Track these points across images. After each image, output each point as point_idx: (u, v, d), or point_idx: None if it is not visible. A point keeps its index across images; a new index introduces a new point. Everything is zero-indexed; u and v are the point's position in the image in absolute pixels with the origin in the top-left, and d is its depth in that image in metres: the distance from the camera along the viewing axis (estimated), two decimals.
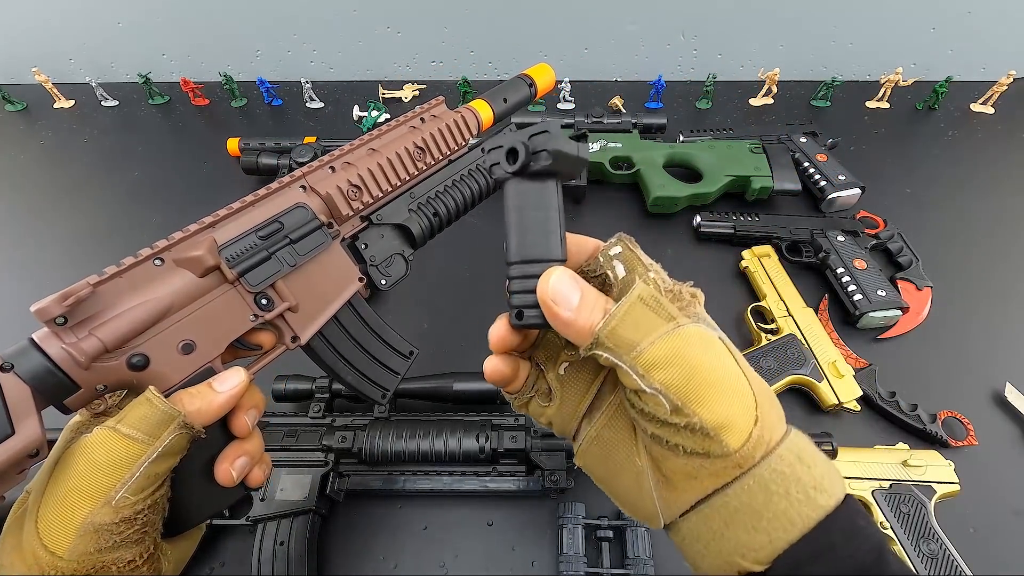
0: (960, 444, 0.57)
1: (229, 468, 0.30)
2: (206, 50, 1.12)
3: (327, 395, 0.57)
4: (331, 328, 0.38)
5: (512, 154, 0.24)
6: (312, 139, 0.87)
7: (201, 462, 0.31)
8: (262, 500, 0.50)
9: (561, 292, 0.24)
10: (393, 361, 0.43)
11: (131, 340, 0.28)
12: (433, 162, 0.44)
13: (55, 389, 0.26)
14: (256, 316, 0.33)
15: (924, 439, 0.59)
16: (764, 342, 0.64)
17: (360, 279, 0.39)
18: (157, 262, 0.30)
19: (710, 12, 1.04)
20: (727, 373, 0.23)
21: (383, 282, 0.40)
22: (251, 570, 0.48)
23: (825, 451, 0.54)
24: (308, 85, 1.06)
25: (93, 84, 1.07)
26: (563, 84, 1.04)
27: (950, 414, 0.59)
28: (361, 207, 0.39)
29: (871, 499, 0.53)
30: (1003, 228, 0.82)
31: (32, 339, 0.26)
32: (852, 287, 0.68)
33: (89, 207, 0.88)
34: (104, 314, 0.28)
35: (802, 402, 0.63)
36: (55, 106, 1.09)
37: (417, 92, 1.11)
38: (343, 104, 1.08)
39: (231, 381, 0.30)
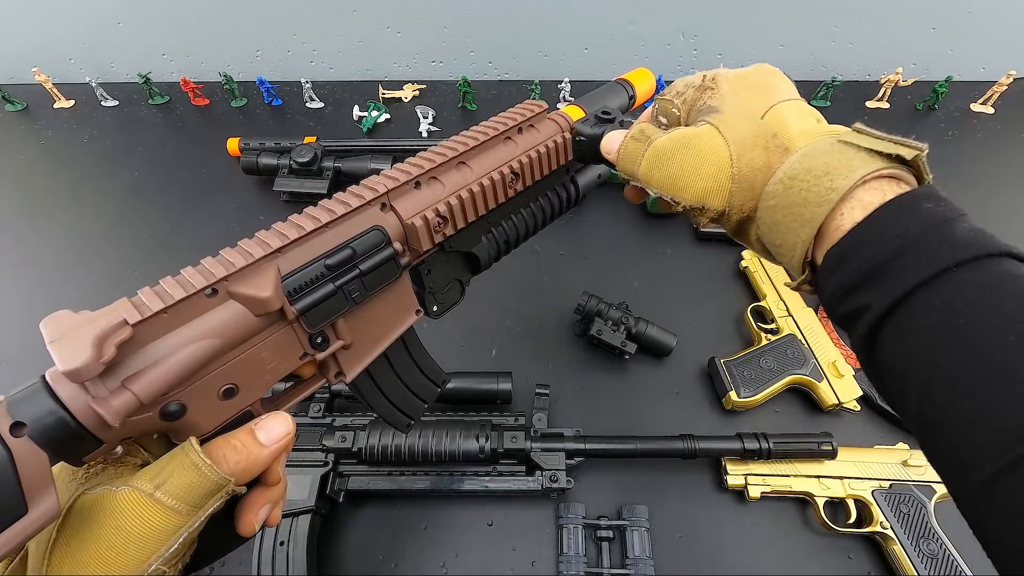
0: None
1: (253, 520, 0.26)
2: (206, 50, 1.12)
3: (327, 395, 0.57)
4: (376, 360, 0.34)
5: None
6: (312, 139, 0.87)
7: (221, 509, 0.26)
8: None
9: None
10: (424, 390, 0.39)
11: (172, 392, 0.23)
12: (523, 188, 0.38)
13: (74, 448, 0.21)
14: (306, 355, 0.28)
15: None
16: (764, 342, 0.64)
17: (417, 311, 0.35)
18: (209, 292, 0.24)
19: (710, 12, 1.04)
20: (695, 166, 0.30)
21: (435, 308, 0.36)
22: (251, 570, 0.48)
23: (824, 451, 0.54)
24: (308, 85, 1.06)
25: (93, 84, 1.07)
26: (563, 84, 1.04)
27: None
28: (442, 239, 0.33)
29: (871, 499, 0.53)
30: (1003, 228, 0.81)
31: (49, 387, 0.21)
32: None
33: (89, 207, 0.88)
34: (139, 358, 0.22)
35: (802, 402, 0.63)
36: (55, 106, 1.09)
37: (417, 92, 1.11)
38: (343, 104, 1.08)
39: (277, 432, 0.26)
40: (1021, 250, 0.22)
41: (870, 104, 1.05)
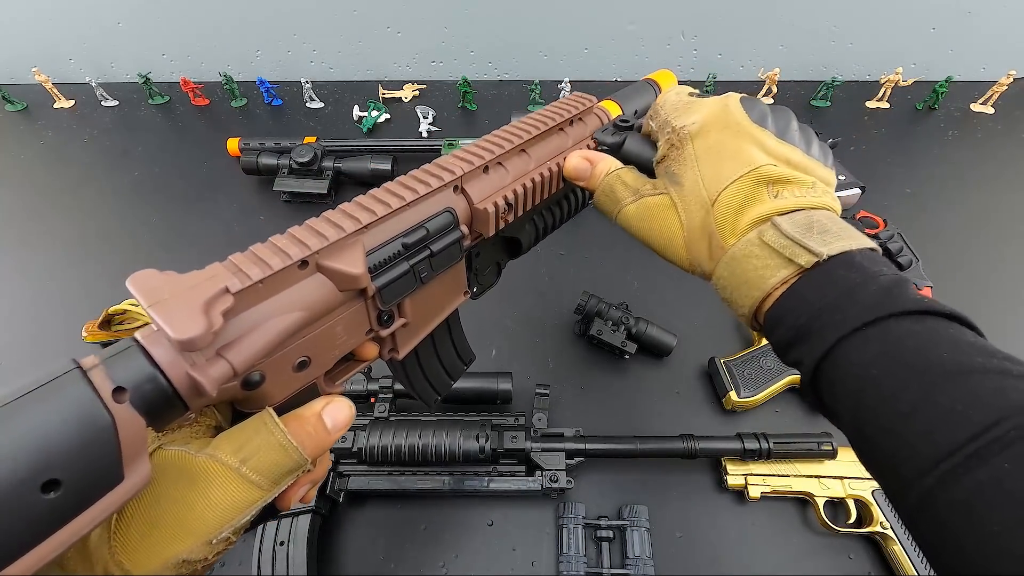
0: None
1: (294, 497, 0.27)
2: (206, 50, 1.12)
3: None
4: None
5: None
6: (312, 139, 0.87)
7: None
8: None
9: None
10: (454, 367, 0.40)
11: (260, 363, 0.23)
12: None
13: (165, 415, 0.20)
14: (371, 331, 0.28)
15: None
16: (764, 342, 0.64)
17: (465, 292, 0.35)
18: (300, 264, 0.24)
19: (710, 12, 1.04)
20: (657, 237, 0.34)
21: (475, 290, 0.37)
22: (251, 570, 0.48)
23: (824, 451, 0.54)
24: (308, 85, 1.06)
25: (93, 84, 1.07)
26: (563, 84, 1.04)
27: None
28: (503, 225, 0.34)
29: (871, 499, 0.53)
30: (1003, 228, 0.82)
31: (145, 349, 0.20)
32: None
33: (89, 207, 0.88)
34: (233, 326, 0.22)
35: (802, 402, 0.63)
36: (55, 106, 1.09)
37: (417, 92, 1.11)
38: (343, 104, 1.08)
39: (342, 420, 0.26)
40: (917, 305, 0.25)
41: (870, 104, 1.05)
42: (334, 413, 0.26)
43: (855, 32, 1.06)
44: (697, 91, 0.37)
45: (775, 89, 1.06)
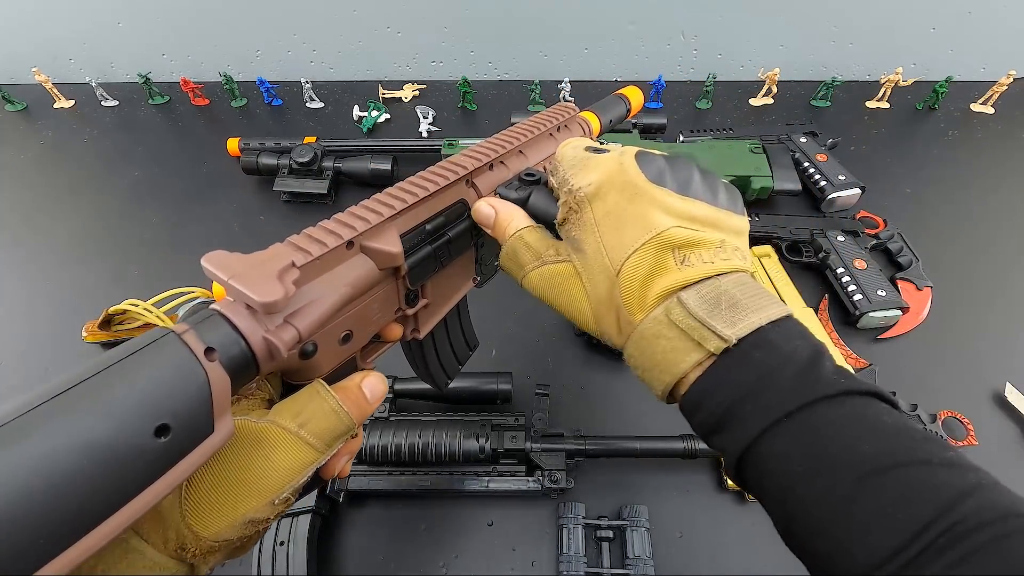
0: (960, 444, 0.57)
1: (336, 466, 0.29)
2: (206, 50, 1.12)
3: None
4: None
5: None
6: (312, 139, 0.87)
7: None
8: None
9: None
10: (463, 351, 0.44)
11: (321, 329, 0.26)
12: None
13: (244, 377, 0.23)
14: (399, 310, 0.32)
15: None
16: None
17: (474, 279, 0.39)
18: (347, 244, 0.27)
19: (710, 12, 1.04)
20: (564, 306, 0.32)
21: (479, 278, 0.40)
22: (251, 570, 0.48)
23: None
24: (308, 85, 1.06)
25: (93, 84, 1.07)
26: (563, 84, 1.04)
27: (950, 414, 0.59)
28: None
29: None
30: (1003, 228, 0.82)
31: (227, 318, 0.22)
32: (852, 287, 0.68)
33: (89, 207, 0.88)
34: (297, 298, 0.24)
35: None
36: (55, 106, 1.09)
37: (417, 92, 1.11)
38: (343, 104, 1.08)
39: (380, 390, 0.29)
40: (834, 388, 0.24)
41: (870, 104, 1.05)
42: (372, 384, 0.29)
43: (855, 32, 1.06)
44: (596, 143, 0.34)
45: (775, 89, 1.06)
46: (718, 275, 0.28)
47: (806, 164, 0.84)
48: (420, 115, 1.02)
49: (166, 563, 0.22)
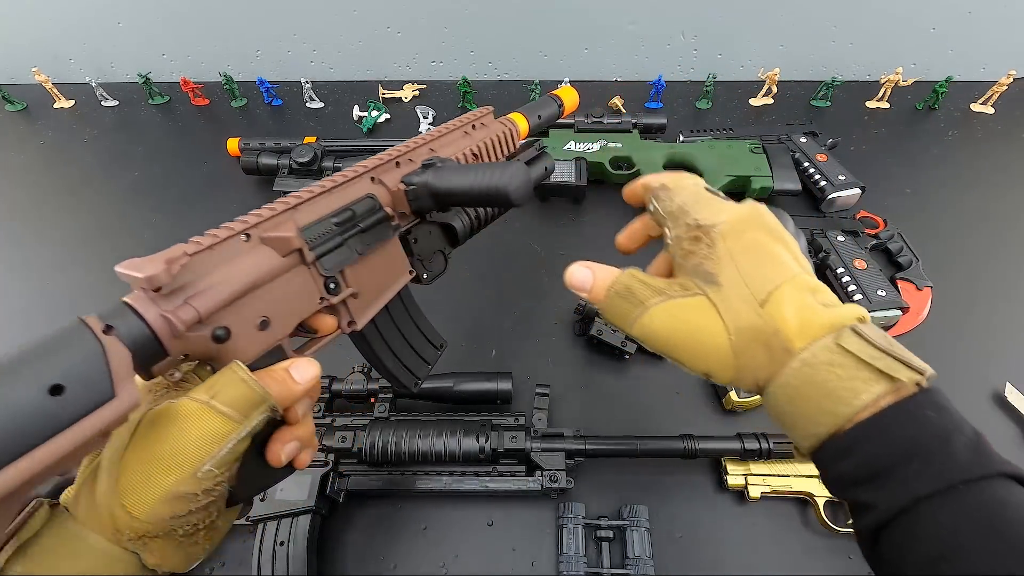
0: None
1: (280, 450, 0.30)
2: (206, 50, 1.12)
3: (327, 395, 0.57)
4: (379, 314, 0.40)
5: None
6: (312, 139, 0.87)
7: (255, 442, 0.31)
8: (262, 500, 0.50)
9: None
10: (427, 351, 0.46)
11: (221, 312, 0.28)
12: None
13: (148, 355, 0.26)
14: (323, 299, 0.34)
15: None
16: None
17: (410, 272, 0.41)
18: (244, 238, 0.31)
19: (710, 12, 1.04)
20: (695, 349, 0.30)
21: (425, 276, 0.43)
22: (251, 570, 0.48)
23: None
24: (308, 85, 1.06)
25: (93, 84, 1.07)
26: (563, 84, 1.04)
27: None
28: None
29: None
30: (1003, 228, 0.82)
31: (128, 303, 0.26)
32: (852, 287, 0.68)
33: (89, 207, 0.88)
34: (195, 284, 0.27)
35: None
36: (55, 106, 1.09)
37: (417, 92, 1.11)
38: (343, 104, 1.08)
39: (309, 372, 0.30)
40: (1010, 469, 0.23)
41: (870, 104, 1.05)
42: (299, 366, 0.30)
43: (855, 32, 1.06)
44: (709, 186, 0.36)
45: (775, 89, 1.06)
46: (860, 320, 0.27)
47: (806, 164, 0.84)
48: (420, 115, 1.02)
49: (108, 548, 0.24)
